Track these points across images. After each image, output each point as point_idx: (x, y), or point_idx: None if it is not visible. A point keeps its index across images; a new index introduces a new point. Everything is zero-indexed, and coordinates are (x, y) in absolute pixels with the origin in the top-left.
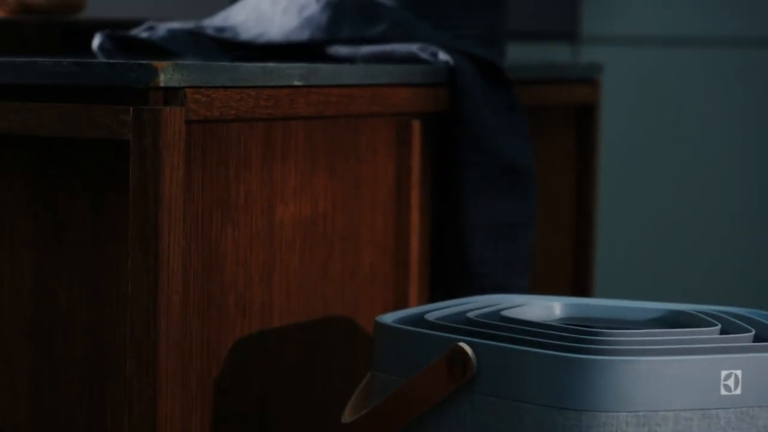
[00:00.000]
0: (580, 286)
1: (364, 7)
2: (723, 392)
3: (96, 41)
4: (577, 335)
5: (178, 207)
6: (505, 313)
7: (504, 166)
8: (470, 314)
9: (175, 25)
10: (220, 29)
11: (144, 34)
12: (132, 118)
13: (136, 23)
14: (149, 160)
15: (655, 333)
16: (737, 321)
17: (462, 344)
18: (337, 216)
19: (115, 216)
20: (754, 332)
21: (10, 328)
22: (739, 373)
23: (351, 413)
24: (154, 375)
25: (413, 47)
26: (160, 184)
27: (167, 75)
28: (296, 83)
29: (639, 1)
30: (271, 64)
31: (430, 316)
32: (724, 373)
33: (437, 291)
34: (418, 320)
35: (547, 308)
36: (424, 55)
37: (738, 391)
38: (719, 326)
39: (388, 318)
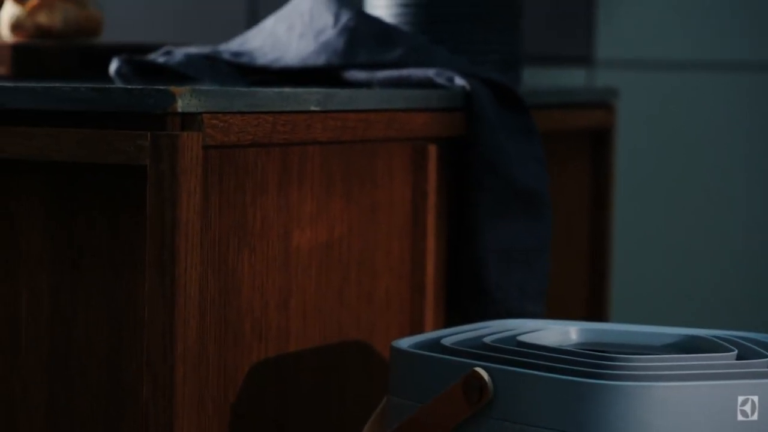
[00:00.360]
0: (595, 311)
1: (381, 32)
2: (740, 418)
3: (113, 66)
4: (593, 360)
5: (195, 232)
6: (521, 338)
7: (519, 190)
8: (486, 339)
9: (192, 49)
10: (237, 54)
11: (161, 59)
12: (149, 143)
13: (153, 48)
14: (166, 186)
15: (672, 358)
16: (754, 346)
17: (478, 369)
18: (353, 241)
19: (132, 241)
20: None
21: (27, 352)
22: (756, 398)
23: None
24: (170, 400)
25: (429, 72)
26: (177, 210)
27: (185, 100)
28: (313, 108)
29: (654, 25)
30: (287, 90)
31: (446, 341)
32: (740, 398)
33: (453, 315)
34: (434, 345)
35: (563, 333)
36: (441, 80)
37: (755, 417)
38: (736, 351)
39: (404, 343)
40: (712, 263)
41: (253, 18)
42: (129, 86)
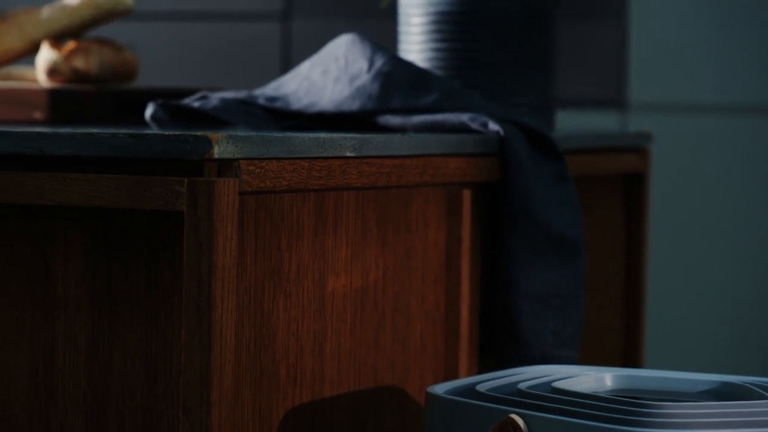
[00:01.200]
0: (629, 357)
1: (415, 77)
2: None
3: (149, 111)
4: (628, 407)
5: (231, 278)
6: (557, 384)
7: (553, 236)
8: (521, 385)
9: (227, 94)
10: (272, 99)
11: (196, 104)
12: (186, 189)
13: (189, 92)
14: (203, 231)
15: (707, 406)
16: None
17: (514, 416)
18: (388, 286)
19: (168, 286)
20: None
21: (63, 398)
22: None
23: None
24: None
25: (464, 117)
26: (213, 255)
27: (221, 147)
28: (348, 154)
29: (686, 69)
30: (323, 135)
31: (481, 387)
32: None
33: (487, 361)
34: (469, 391)
35: (598, 380)
36: (475, 125)
37: None
38: None
39: (439, 389)
40: (747, 308)
41: (287, 62)
42: (166, 132)
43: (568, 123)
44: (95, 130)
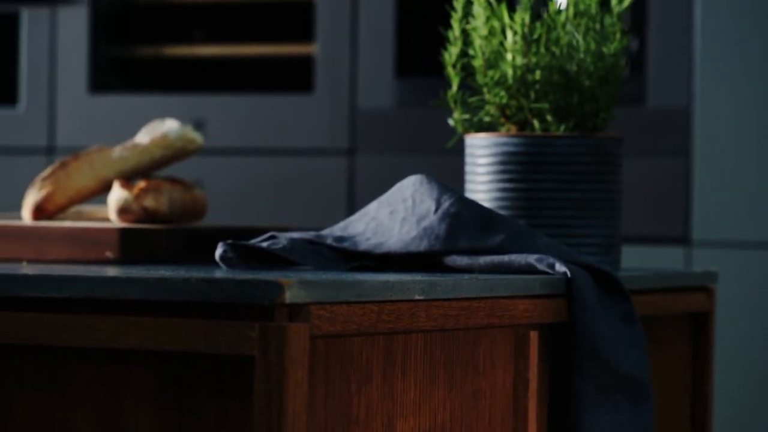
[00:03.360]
0: None
1: (482, 217)
2: None
3: (219, 251)
4: None
5: (302, 422)
6: None
7: (620, 377)
8: None
9: (295, 234)
10: (340, 239)
11: (265, 244)
12: (257, 334)
13: (257, 231)
14: (274, 376)
15: None
16: None
17: None
18: (456, 428)
19: (238, 430)
20: None
21: None
22: None
23: None
24: None
25: (531, 258)
26: (284, 400)
27: (292, 292)
28: (417, 297)
29: (750, 205)
30: (392, 278)
31: None
32: None
33: None
34: None
35: None
36: (542, 266)
37: None
38: None
39: None
40: None
41: (352, 196)
42: (237, 277)
43: (633, 259)
44: (168, 275)
